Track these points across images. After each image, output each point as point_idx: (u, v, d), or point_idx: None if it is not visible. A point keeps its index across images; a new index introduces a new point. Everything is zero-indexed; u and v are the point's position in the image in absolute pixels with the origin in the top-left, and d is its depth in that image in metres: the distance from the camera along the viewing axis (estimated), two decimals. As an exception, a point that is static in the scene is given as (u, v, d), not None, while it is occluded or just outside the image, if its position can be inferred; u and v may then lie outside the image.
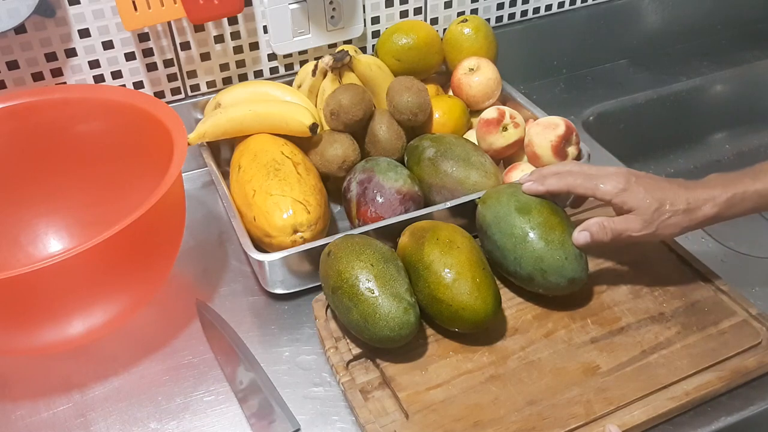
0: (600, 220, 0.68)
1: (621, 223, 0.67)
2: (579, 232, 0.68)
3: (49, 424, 0.67)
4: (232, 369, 0.71)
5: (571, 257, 0.70)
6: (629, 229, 0.66)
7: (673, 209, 0.66)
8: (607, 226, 0.67)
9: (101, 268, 0.63)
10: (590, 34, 1.16)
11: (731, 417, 0.65)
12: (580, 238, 0.68)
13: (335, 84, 0.91)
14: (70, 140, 0.80)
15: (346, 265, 0.68)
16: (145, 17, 0.84)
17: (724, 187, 0.66)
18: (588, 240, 0.68)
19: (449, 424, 0.62)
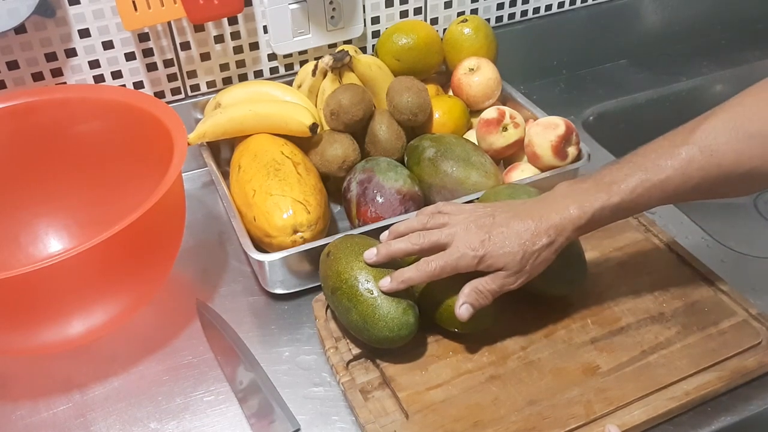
0: (475, 286, 0.65)
1: (495, 284, 0.64)
2: (460, 306, 0.65)
3: (49, 424, 0.67)
4: (232, 369, 0.71)
5: (570, 258, 0.70)
6: (505, 284, 0.65)
7: (538, 248, 0.64)
8: (482, 290, 0.65)
9: (101, 268, 0.63)
10: (590, 34, 1.16)
11: (731, 417, 0.65)
12: (463, 312, 0.65)
13: (335, 84, 0.91)
14: (70, 140, 0.80)
15: (346, 265, 0.68)
16: (145, 17, 0.84)
17: (579, 206, 0.64)
18: (471, 311, 0.65)
19: (449, 424, 0.62)
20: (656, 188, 0.63)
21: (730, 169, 0.62)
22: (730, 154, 0.61)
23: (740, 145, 0.61)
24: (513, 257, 0.63)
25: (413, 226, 0.68)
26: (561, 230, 0.64)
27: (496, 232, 0.64)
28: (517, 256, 0.63)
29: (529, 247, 0.63)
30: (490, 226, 0.65)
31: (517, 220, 0.65)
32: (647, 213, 0.85)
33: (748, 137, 0.61)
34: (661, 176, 0.63)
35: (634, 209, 0.65)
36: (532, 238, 0.63)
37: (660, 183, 0.63)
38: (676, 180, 0.63)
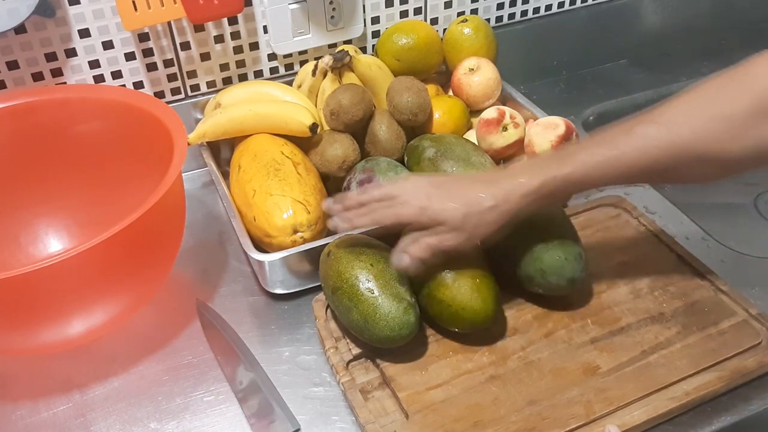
0: (414, 238, 0.65)
1: (434, 238, 0.64)
2: (397, 254, 0.65)
3: (49, 424, 0.67)
4: (232, 369, 0.71)
5: (570, 257, 0.70)
6: (443, 240, 0.64)
7: (481, 209, 0.63)
8: (422, 242, 0.65)
9: (101, 268, 0.63)
10: (590, 34, 1.16)
11: (731, 417, 0.65)
12: (400, 261, 0.65)
13: (335, 84, 0.91)
14: (70, 140, 0.80)
15: (346, 265, 0.68)
16: (145, 17, 0.84)
17: (530, 175, 0.64)
18: (408, 261, 0.65)
19: (449, 424, 0.62)
20: (610, 163, 0.63)
21: (687, 149, 0.62)
22: (687, 133, 0.61)
23: (699, 126, 0.61)
24: (454, 213, 0.63)
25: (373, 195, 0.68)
26: (507, 196, 0.64)
27: (443, 189, 0.65)
28: (459, 212, 0.63)
29: (473, 207, 0.63)
30: (439, 184, 0.66)
31: (468, 181, 0.66)
32: (647, 213, 0.85)
33: (707, 118, 0.61)
34: (615, 152, 0.63)
35: (587, 182, 0.64)
36: (477, 199, 0.64)
37: (614, 158, 0.63)
38: (631, 156, 0.62)
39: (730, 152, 0.61)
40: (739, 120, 0.60)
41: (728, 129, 0.61)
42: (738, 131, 0.60)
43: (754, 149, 0.61)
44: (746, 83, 0.61)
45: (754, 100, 0.60)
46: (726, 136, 0.61)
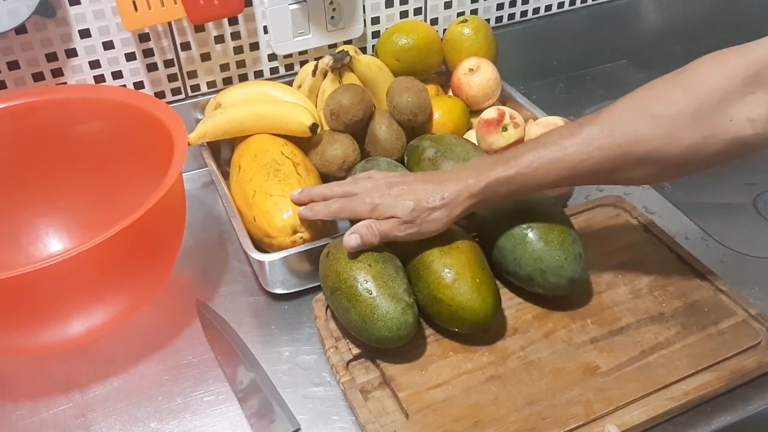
0: (368, 223, 0.69)
1: (385, 226, 0.68)
2: (349, 234, 0.69)
3: (49, 424, 0.67)
4: (232, 369, 0.71)
5: (570, 257, 0.70)
6: (393, 230, 0.68)
7: (430, 207, 0.67)
8: (374, 227, 0.68)
9: (101, 268, 0.63)
10: (590, 34, 1.16)
11: (731, 417, 0.65)
12: (351, 241, 0.68)
13: (335, 84, 0.91)
14: (70, 140, 0.80)
15: (345, 265, 0.68)
16: (146, 17, 0.84)
17: (477, 176, 0.67)
18: (359, 242, 0.68)
19: (449, 424, 0.62)
20: (554, 164, 0.65)
21: (629, 149, 0.63)
22: (630, 134, 0.63)
23: (641, 126, 0.63)
24: (405, 207, 0.68)
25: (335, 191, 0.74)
26: (456, 195, 0.67)
27: (397, 188, 0.70)
28: (409, 206, 0.67)
29: (422, 203, 0.67)
30: (394, 184, 0.70)
31: (420, 182, 0.70)
32: (647, 213, 0.85)
33: (650, 118, 0.63)
34: (560, 153, 0.65)
35: (532, 183, 0.66)
36: (427, 196, 0.68)
37: (558, 159, 0.65)
38: (575, 157, 0.64)
39: (672, 153, 0.63)
40: (680, 121, 0.62)
41: (670, 130, 0.62)
42: (680, 132, 0.62)
43: (695, 150, 0.62)
44: (689, 85, 0.63)
45: (694, 102, 0.61)
46: (668, 137, 0.62)
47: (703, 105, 0.61)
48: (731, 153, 0.63)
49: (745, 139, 0.61)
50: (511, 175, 0.66)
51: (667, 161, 0.63)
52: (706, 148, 0.62)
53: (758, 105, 0.60)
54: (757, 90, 0.60)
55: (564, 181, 0.66)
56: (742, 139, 0.61)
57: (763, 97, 0.60)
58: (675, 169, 0.65)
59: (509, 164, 0.66)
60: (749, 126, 0.60)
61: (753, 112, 0.60)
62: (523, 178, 0.66)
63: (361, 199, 0.70)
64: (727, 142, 0.61)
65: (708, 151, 0.62)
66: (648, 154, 0.63)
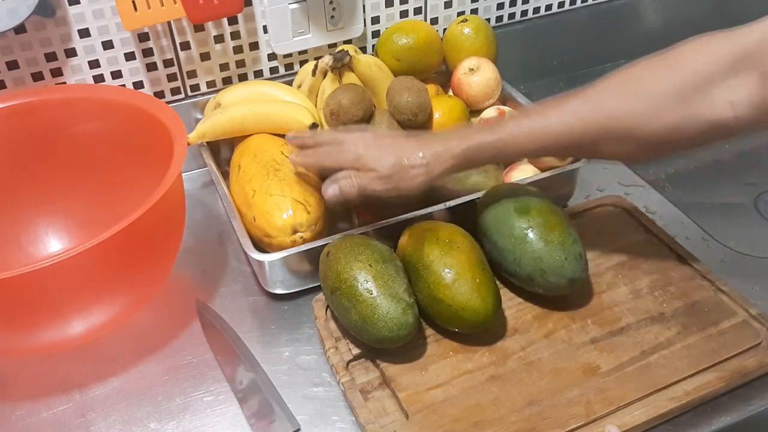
0: (348, 174, 0.71)
1: (364, 179, 0.70)
2: (329, 185, 0.71)
3: (49, 424, 0.67)
4: (232, 369, 0.71)
5: (570, 257, 0.70)
6: (371, 183, 0.70)
7: (410, 164, 0.69)
8: (353, 179, 0.70)
9: (101, 268, 0.63)
10: (590, 34, 1.16)
11: (731, 417, 0.65)
12: (330, 191, 0.71)
13: (335, 84, 0.91)
14: (70, 140, 0.80)
15: (345, 265, 0.68)
16: (145, 17, 0.84)
17: (460, 140, 0.69)
18: (337, 192, 0.71)
19: (449, 425, 0.62)
20: (536, 133, 0.67)
21: (610, 124, 0.65)
22: (611, 109, 0.65)
23: (623, 102, 0.64)
24: (385, 162, 0.69)
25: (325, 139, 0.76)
26: (438, 156, 0.69)
27: (382, 142, 0.72)
28: (389, 161, 0.69)
29: (402, 160, 0.69)
30: (380, 137, 0.73)
31: (406, 139, 0.72)
32: (647, 213, 0.85)
33: (633, 95, 0.64)
34: (543, 123, 0.67)
35: (514, 150, 0.69)
36: (409, 155, 0.69)
37: (540, 129, 0.67)
38: (557, 129, 0.66)
39: (652, 131, 0.64)
40: (663, 100, 0.63)
41: (652, 108, 0.63)
42: (661, 111, 0.63)
43: (675, 130, 0.63)
44: (673, 65, 0.64)
45: (679, 82, 0.63)
46: (649, 115, 0.63)
47: (686, 85, 0.62)
48: (710, 135, 0.63)
49: (725, 122, 0.62)
50: (493, 141, 0.68)
51: (646, 139, 0.64)
52: (685, 129, 0.63)
53: (740, 89, 0.61)
54: (740, 74, 0.61)
55: (545, 151, 0.69)
56: (722, 122, 0.62)
57: (745, 82, 0.60)
58: (654, 148, 0.66)
59: (492, 130, 0.69)
60: (729, 109, 0.61)
61: (734, 95, 0.61)
62: (505, 144, 0.68)
63: (347, 148, 0.72)
64: (706, 123, 0.62)
65: (687, 131, 0.63)
66: (628, 131, 0.65)
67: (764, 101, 0.60)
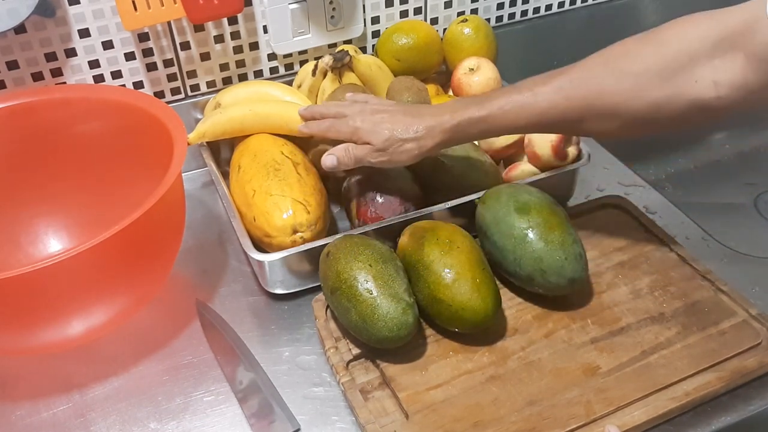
0: (345, 146, 0.75)
1: (360, 151, 0.74)
2: (327, 155, 0.75)
3: (49, 424, 0.67)
4: (232, 369, 0.71)
5: (570, 257, 0.70)
6: (366, 156, 0.74)
7: (403, 138, 0.72)
8: (350, 152, 0.74)
9: (101, 268, 0.63)
10: (590, 34, 1.16)
11: (731, 417, 0.65)
12: (327, 161, 0.75)
13: (335, 84, 0.91)
14: (70, 140, 0.80)
15: (345, 265, 0.68)
16: (145, 17, 0.84)
17: (452, 114, 0.71)
18: (335, 163, 0.75)
19: (449, 425, 0.62)
20: (524, 109, 0.69)
21: (594, 101, 0.66)
22: (596, 86, 0.66)
23: (608, 80, 0.66)
24: (380, 135, 0.73)
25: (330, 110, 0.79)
26: (430, 130, 0.72)
27: (379, 116, 0.74)
28: (384, 135, 0.72)
29: (397, 134, 0.72)
30: (378, 111, 0.75)
31: (401, 114, 0.74)
32: (647, 213, 0.85)
33: (617, 72, 0.65)
34: (531, 99, 0.68)
35: (502, 125, 0.71)
36: (403, 129, 0.72)
37: (529, 105, 0.68)
38: (544, 105, 0.68)
39: (635, 108, 0.65)
40: (646, 78, 0.64)
41: (635, 86, 0.64)
42: (644, 89, 0.64)
43: (658, 108, 0.64)
44: (659, 44, 0.65)
45: (663, 61, 0.63)
46: (633, 93, 0.64)
47: (671, 64, 0.63)
48: (693, 115, 0.64)
49: (707, 102, 0.62)
50: (483, 116, 0.70)
51: (629, 116, 0.66)
52: (668, 107, 0.64)
53: (724, 69, 0.61)
54: (725, 54, 0.61)
55: (533, 127, 0.71)
56: (705, 102, 0.62)
57: (730, 62, 0.61)
58: (637, 126, 0.67)
59: (483, 105, 0.70)
60: (713, 88, 0.62)
61: (718, 75, 0.61)
62: (494, 119, 0.70)
63: (346, 122, 0.75)
64: (689, 102, 0.63)
65: (670, 110, 0.64)
66: (612, 108, 0.66)
67: (747, 82, 0.60)
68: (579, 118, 0.68)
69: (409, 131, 0.72)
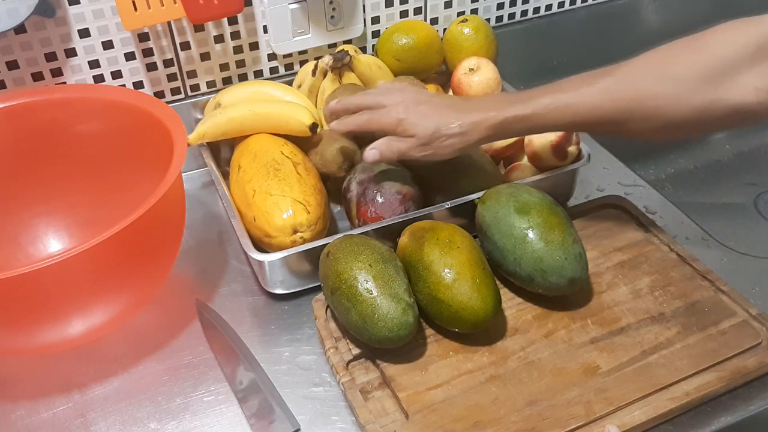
0: (388, 140, 0.74)
1: (404, 144, 0.73)
2: (369, 150, 0.74)
3: (49, 424, 0.67)
4: (232, 369, 0.71)
5: (570, 257, 0.70)
6: (410, 149, 0.73)
7: (448, 133, 0.72)
8: (393, 145, 0.73)
9: (101, 268, 0.63)
10: (590, 34, 1.16)
11: (731, 417, 0.65)
12: (370, 156, 0.74)
13: (335, 84, 0.91)
14: (69, 140, 0.80)
15: (345, 265, 0.68)
16: (145, 17, 0.84)
17: (497, 110, 0.71)
18: (377, 157, 0.74)
19: (449, 425, 0.62)
20: (569, 108, 0.69)
21: (639, 104, 0.67)
22: (641, 90, 0.67)
23: (652, 84, 0.67)
24: (426, 130, 0.72)
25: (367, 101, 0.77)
26: (475, 126, 0.71)
27: (423, 108, 0.73)
28: (429, 130, 0.72)
29: (442, 129, 0.72)
30: (421, 102, 0.74)
31: (445, 107, 0.74)
32: (647, 213, 0.85)
33: (661, 78, 0.67)
34: (576, 99, 0.69)
35: (546, 124, 0.71)
36: (448, 123, 0.72)
37: (573, 105, 0.69)
38: (589, 105, 0.69)
39: (679, 112, 0.66)
40: (689, 83, 0.65)
41: (678, 91, 0.66)
42: (687, 94, 0.65)
43: (700, 112, 0.66)
44: (702, 50, 0.66)
45: (706, 67, 0.65)
46: (676, 97, 0.66)
47: (714, 70, 0.64)
48: (735, 120, 0.66)
49: (749, 107, 0.64)
50: (528, 114, 0.70)
51: (672, 120, 0.67)
52: (711, 112, 0.65)
53: (765, 75, 0.63)
54: (765, 61, 0.63)
55: (576, 127, 0.71)
56: (746, 107, 0.64)
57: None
58: (679, 129, 0.68)
59: (528, 103, 0.70)
60: (754, 94, 0.63)
61: (759, 81, 0.63)
62: (538, 118, 0.70)
63: (388, 113, 0.74)
64: (731, 108, 0.64)
65: (713, 114, 0.65)
66: (655, 111, 0.67)
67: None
68: (623, 120, 0.68)
69: (455, 126, 0.71)
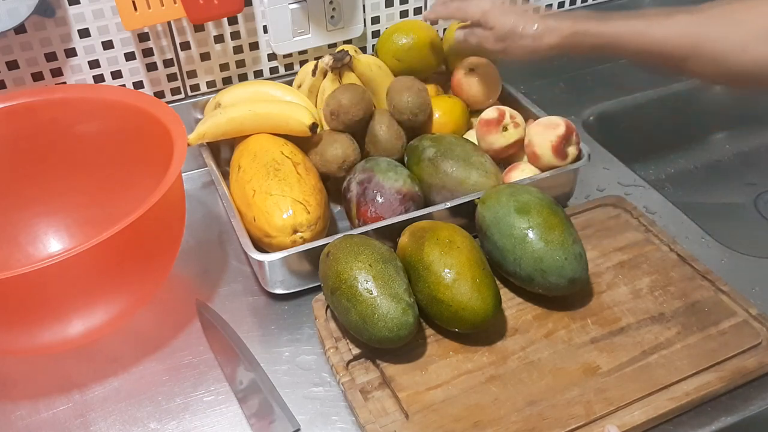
0: (472, 28, 0.82)
1: (483, 34, 0.80)
2: (458, 29, 0.83)
3: (49, 424, 0.67)
4: (232, 369, 0.71)
5: (570, 257, 0.70)
6: (486, 40, 0.80)
7: (523, 33, 0.77)
8: (476, 31, 0.81)
9: (101, 268, 0.63)
10: (590, 33, 1.16)
11: (731, 417, 0.65)
12: (460, 35, 0.83)
13: (335, 84, 0.91)
14: (69, 140, 0.80)
15: (345, 265, 0.68)
16: (145, 17, 0.84)
17: (573, 21, 0.75)
18: (461, 37, 0.83)
19: (449, 425, 0.62)
20: (640, 35, 0.72)
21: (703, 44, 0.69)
22: (709, 31, 0.69)
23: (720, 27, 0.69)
24: (504, 25, 0.78)
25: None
26: (550, 31, 0.76)
27: (506, 6, 0.79)
28: (507, 25, 0.78)
29: (518, 27, 0.77)
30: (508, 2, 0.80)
31: (529, 11, 0.79)
32: (647, 213, 0.85)
33: (731, 23, 0.69)
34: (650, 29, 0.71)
35: (618, 47, 0.74)
36: (526, 23, 0.77)
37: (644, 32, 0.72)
38: (658, 36, 0.71)
39: (738, 61, 0.68)
40: (754, 35, 0.67)
41: (746, 39, 0.67)
42: (750, 44, 0.67)
43: (759, 66, 0.67)
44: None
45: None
46: (741, 45, 0.67)
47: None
48: None
49: None
50: (601, 32, 0.74)
51: (733, 67, 0.68)
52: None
53: None
54: None
55: (643, 55, 0.73)
56: None
57: None
58: (738, 79, 0.70)
59: (603, 22, 0.74)
60: None
61: None
62: (610, 37, 0.73)
63: (477, 3, 0.80)
64: None
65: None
66: (718, 55, 0.69)
67: None
68: (685, 57, 0.70)
69: (531, 27, 0.76)
